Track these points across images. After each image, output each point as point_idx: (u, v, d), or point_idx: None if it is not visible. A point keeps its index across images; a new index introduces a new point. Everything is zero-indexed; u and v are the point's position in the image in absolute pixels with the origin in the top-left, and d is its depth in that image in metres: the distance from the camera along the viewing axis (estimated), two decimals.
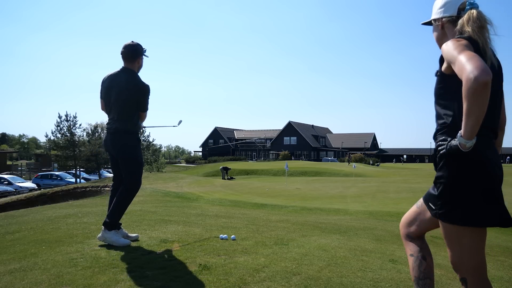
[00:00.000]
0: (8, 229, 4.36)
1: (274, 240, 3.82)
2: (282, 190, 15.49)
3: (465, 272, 1.77)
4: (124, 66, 3.58)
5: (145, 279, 2.52)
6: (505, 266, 3.61)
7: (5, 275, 2.60)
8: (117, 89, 3.49)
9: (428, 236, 5.15)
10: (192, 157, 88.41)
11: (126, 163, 3.54)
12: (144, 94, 3.54)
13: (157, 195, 11.44)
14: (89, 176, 34.66)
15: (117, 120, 3.53)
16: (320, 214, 8.28)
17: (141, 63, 3.65)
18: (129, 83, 3.48)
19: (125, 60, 3.56)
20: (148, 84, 3.56)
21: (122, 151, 3.54)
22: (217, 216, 5.80)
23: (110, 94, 3.54)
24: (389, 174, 32.80)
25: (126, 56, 3.54)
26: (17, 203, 12.46)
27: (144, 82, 3.57)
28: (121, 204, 3.51)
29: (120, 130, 3.52)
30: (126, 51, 3.54)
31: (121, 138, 3.53)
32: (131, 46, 3.55)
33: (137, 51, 3.56)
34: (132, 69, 3.57)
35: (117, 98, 3.50)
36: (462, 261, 1.76)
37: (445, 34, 1.93)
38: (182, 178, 19.81)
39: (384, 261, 3.21)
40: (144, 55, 3.65)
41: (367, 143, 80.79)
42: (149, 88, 3.57)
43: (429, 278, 1.97)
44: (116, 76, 3.56)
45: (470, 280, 1.76)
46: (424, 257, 1.99)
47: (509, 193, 14.91)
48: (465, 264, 1.76)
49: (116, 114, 3.53)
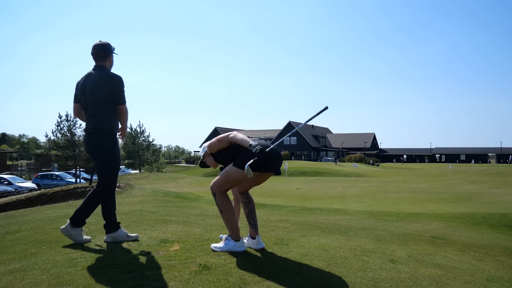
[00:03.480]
0: (8, 229, 4.36)
1: (274, 240, 3.82)
2: (282, 190, 15.49)
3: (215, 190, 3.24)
4: (96, 65, 3.59)
5: (145, 279, 2.52)
6: (505, 266, 3.61)
7: (5, 275, 2.60)
8: (90, 85, 3.48)
9: (428, 236, 5.16)
10: (192, 157, 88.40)
11: (99, 164, 3.51)
12: (118, 85, 3.48)
13: (157, 195, 11.45)
14: (89, 176, 34.65)
15: (93, 119, 3.50)
16: (320, 214, 8.29)
17: (112, 61, 3.67)
18: (101, 77, 3.47)
19: (97, 59, 3.58)
20: (121, 76, 3.53)
21: (96, 152, 3.49)
22: (217, 216, 5.80)
23: (85, 92, 3.51)
24: (389, 174, 32.81)
25: (97, 55, 3.57)
26: (17, 203, 12.46)
27: (120, 76, 3.54)
28: (91, 204, 3.48)
29: (96, 129, 3.48)
30: (96, 50, 3.56)
31: (96, 138, 3.49)
32: (101, 45, 3.58)
33: (107, 50, 3.59)
34: (104, 65, 3.57)
35: (91, 94, 3.47)
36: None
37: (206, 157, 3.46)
38: (182, 178, 19.81)
39: (384, 261, 3.20)
40: (114, 53, 3.68)
41: (367, 143, 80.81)
42: (122, 79, 3.52)
43: (254, 212, 3.40)
44: (88, 74, 3.56)
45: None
46: (250, 201, 3.42)
47: (509, 193, 14.87)
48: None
49: (92, 112, 3.49)
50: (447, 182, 21.20)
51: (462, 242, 4.87)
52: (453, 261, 3.51)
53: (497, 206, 10.21)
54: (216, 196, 3.25)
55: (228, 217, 3.26)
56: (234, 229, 3.27)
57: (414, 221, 7.45)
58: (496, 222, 7.95)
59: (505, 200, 11.58)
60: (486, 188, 15.87)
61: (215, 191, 3.25)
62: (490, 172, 29.34)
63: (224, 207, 3.24)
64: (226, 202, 3.25)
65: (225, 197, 3.27)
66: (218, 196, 3.24)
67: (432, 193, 13.61)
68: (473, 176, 25.44)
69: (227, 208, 3.25)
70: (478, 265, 3.49)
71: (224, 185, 3.23)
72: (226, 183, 3.22)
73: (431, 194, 13.32)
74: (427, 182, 21.62)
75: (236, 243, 3.25)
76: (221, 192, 3.24)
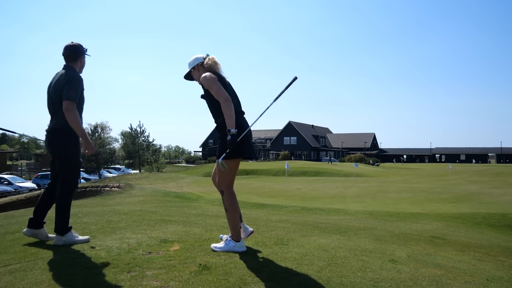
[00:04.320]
0: (8, 229, 4.36)
1: (274, 240, 3.82)
2: (282, 190, 15.49)
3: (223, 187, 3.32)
4: (64, 65, 3.59)
5: (145, 279, 2.52)
6: (505, 266, 3.61)
7: (5, 275, 2.60)
8: (54, 84, 3.48)
9: (428, 236, 5.16)
10: (192, 157, 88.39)
11: (60, 163, 3.48)
12: (70, 81, 3.39)
13: (157, 195, 11.44)
14: (89, 176, 34.66)
15: (53, 117, 3.49)
16: (320, 214, 8.28)
17: (83, 62, 3.66)
18: (63, 76, 3.46)
19: (67, 60, 3.57)
20: (81, 77, 3.51)
21: (57, 150, 3.47)
22: (217, 216, 5.80)
23: (50, 91, 3.52)
24: (389, 174, 32.81)
25: (68, 56, 3.56)
26: (17, 203, 12.45)
27: (79, 75, 3.53)
28: (64, 209, 3.46)
29: (56, 128, 3.47)
30: (67, 51, 3.56)
31: (56, 136, 3.47)
32: (72, 46, 3.57)
33: (78, 51, 3.59)
34: (72, 66, 3.56)
35: (52, 92, 3.48)
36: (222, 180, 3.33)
37: (200, 73, 3.41)
38: (182, 178, 19.80)
39: (384, 261, 3.20)
40: (86, 55, 3.67)
41: (367, 143, 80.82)
42: (78, 78, 3.46)
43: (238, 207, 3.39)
44: (56, 74, 3.57)
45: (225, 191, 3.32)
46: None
47: (509, 193, 14.85)
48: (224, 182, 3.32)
49: (53, 110, 3.49)
50: (447, 182, 21.20)
51: (462, 242, 4.87)
52: (453, 261, 3.51)
53: (497, 206, 10.20)
54: (224, 194, 3.32)
55: (233, 216, 3.27)
56: (236, 228, 3.28)
57: (414, 221, 7.44)
58: (496, 222, 7.95)
59: (505, 200, 11.57)
60: (486, 188, 15.86)
61: (223, 188, 3.31)
62: (490, 172, 29.34)
63: (230, 205, 3.29)
64: (234, 200, 3.31)
65: (233, 195, 3.33)
66: (226, 193, 3.30)
67: (432, 193, 13.60)
68: (473, 176, 25.44)
69: (234, 206, 3.30)
70: (478, 265, 3.49)
71: (230, 180, 3.32)
72: (230, 176, 3.30)
73: (431, 194, 13.31)
74: (427, 182, 21.62)
75: (236, 243, 3.25)
76: (229, 190, 3.32)
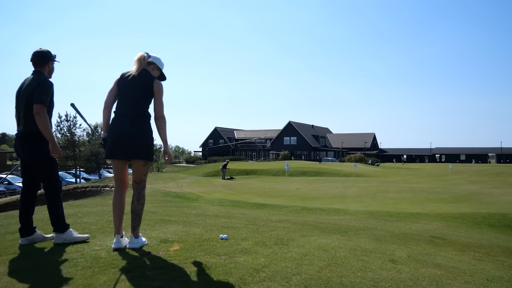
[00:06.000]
0: (8, 229, 4.37)
1: (274, 240, 3.82)
2: (282, 190, 15.49)
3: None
4: (33, 70, 3.59)
5: (145, 279, 2.52)
6: (505, 266, 3.61)
7: (5, 275, 2.60)
8: (25, 88, 3.48)
9: (428, 236, 5.16)
10: (192, 157, 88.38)
11: (42, 168, 3.49)
12: (41, 86, 3.39)
13: (157, 195, 11.45)
14: (89, 176, 34.65)
15: (23, 122, 3.47)
16: (320, 214, 8.28)
17: (52, 67, 3.67)
18: (32, 80, 3.47)
19: (36, 65, 3.58)
20: (52, 82, 3.52)
21: (35, 157, 3.46)
22: (217, 216, 5.80)
23: (20, 95, 3.53)
24: (389, 174, 32.81)
25: (36, 62, 3.57)
26: (17, 203, 12.44)
27: (49, 80, 3.54)
28: (57, 209, 3.51)
29: (27, 133, 3.45)
30: (35, 57, 3.57)
31: (29, 142, 3.45)
32: (40, 52, 3.59)
33: (46, 57, 3.60)
34: (41, 71, 3.57)
35: (21, 97, 3.48)
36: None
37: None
38: (182, 178, 19.80)
39: (384, 261, 3.21)
40: (55, 61, 3.68)
41: (367, 143, 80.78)
42: (48, 83, 3.47)
43: None
44: (25, 79, 3.58)
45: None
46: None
47: (509, 193, 14.83)
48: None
49: (22, 115, 3.48)
50: (447, 182, 21.20)
51: (462, 242, 4.87)
52: (453, 261, 3.51)
53: (497, 206, 10.20)
54: (144, 188, 3.41)
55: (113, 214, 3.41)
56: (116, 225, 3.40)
57: (414, 221, 7.44)
58: (496, 222, 7.95)
59: (505, 200, 11.57)
60: (486, 188, 15.86)
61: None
62: (490, 172, 29.34)
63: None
64: (113, 199, 3.44)
65: (114, 193, 3.46)
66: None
67: (432, 193, 13.60)
68: (473, 176, 25.44)
69: (113, 204, 3.44)
70: (478, 265, 3.49)
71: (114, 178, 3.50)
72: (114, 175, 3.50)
73: (431, 194, 13.31)
74: (427, 182, 21.62)
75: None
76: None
